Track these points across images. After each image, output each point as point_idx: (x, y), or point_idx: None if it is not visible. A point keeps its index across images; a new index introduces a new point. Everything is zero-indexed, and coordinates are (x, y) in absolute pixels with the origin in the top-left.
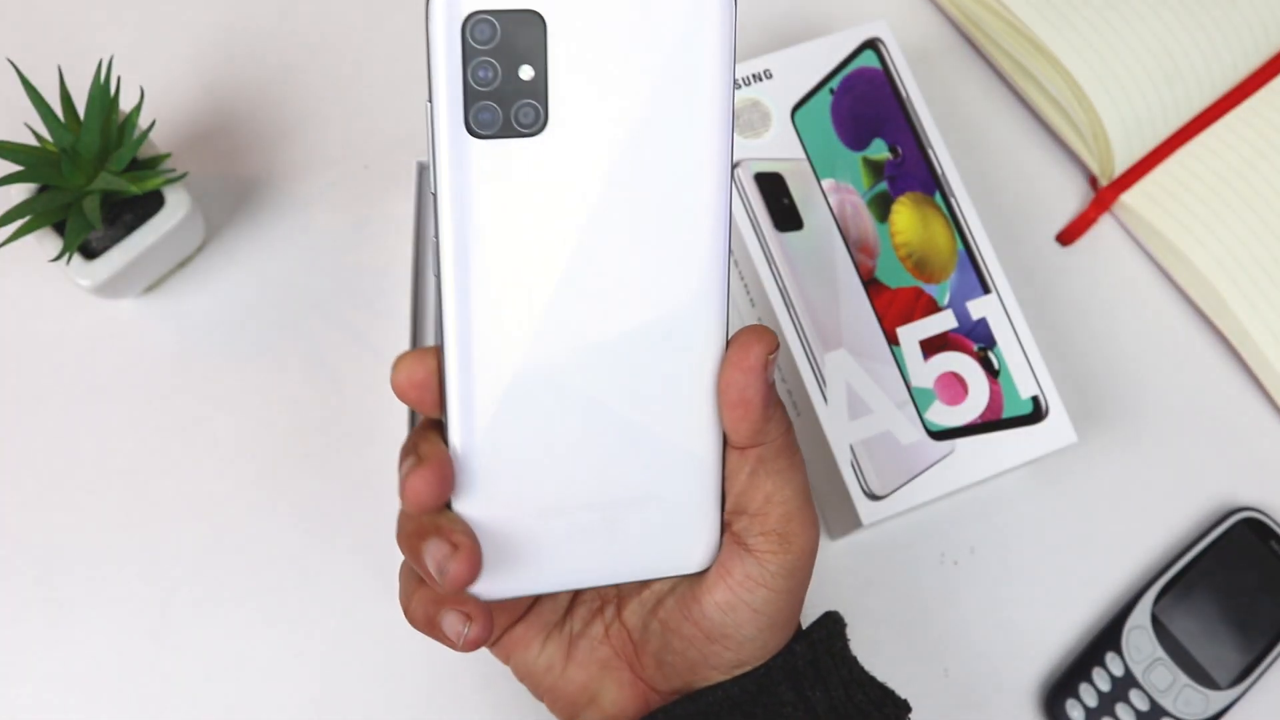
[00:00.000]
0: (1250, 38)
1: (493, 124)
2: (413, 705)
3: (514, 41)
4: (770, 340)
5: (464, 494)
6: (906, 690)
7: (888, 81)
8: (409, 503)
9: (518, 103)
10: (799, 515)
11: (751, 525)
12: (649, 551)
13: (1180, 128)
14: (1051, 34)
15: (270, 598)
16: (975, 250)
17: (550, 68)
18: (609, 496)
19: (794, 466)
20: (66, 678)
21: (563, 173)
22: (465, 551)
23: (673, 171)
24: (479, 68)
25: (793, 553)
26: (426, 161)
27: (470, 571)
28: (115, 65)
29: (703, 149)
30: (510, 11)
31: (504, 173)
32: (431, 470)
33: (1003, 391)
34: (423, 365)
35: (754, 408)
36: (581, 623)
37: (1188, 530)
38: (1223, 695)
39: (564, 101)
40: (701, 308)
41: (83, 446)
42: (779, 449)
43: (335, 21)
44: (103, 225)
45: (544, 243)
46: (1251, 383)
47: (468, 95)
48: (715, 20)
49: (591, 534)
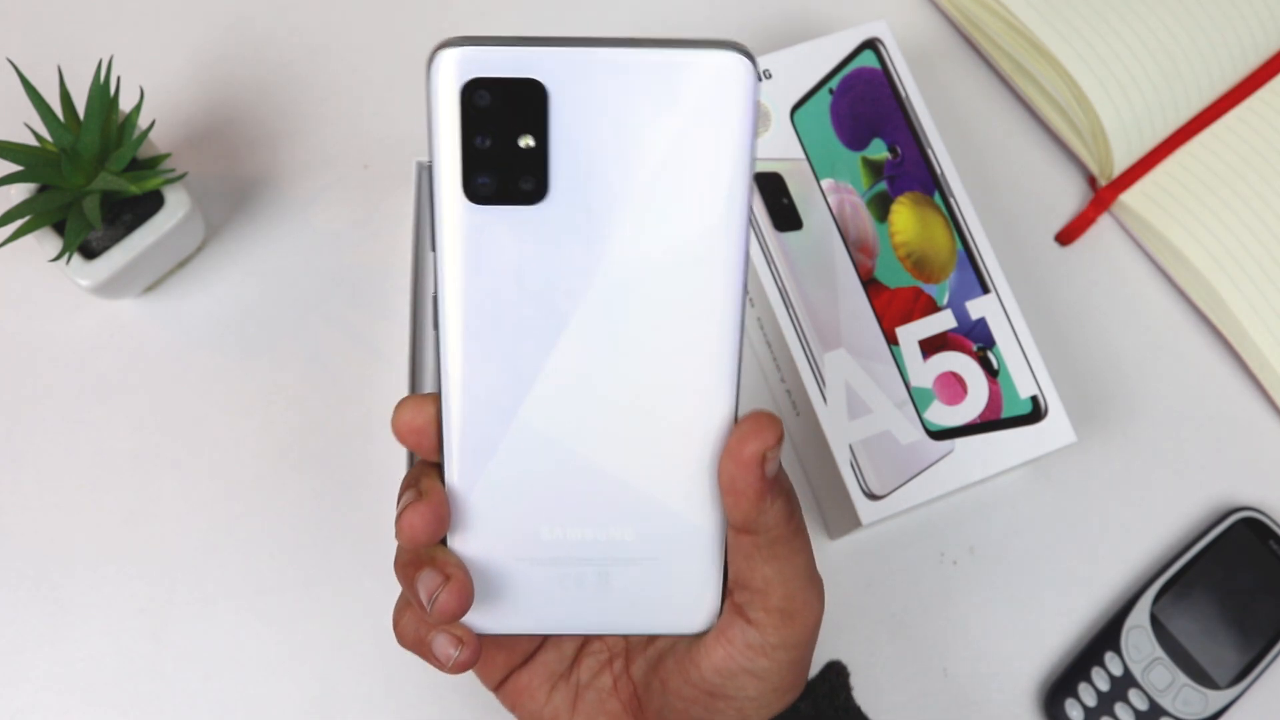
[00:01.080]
0: (1249, 38)
1: (489, 191)
2: (413, 705)
3: (514, 110)
4: (769, 436)
5: (460, 532)
6: (906, 690)
7: (887, 81)
8: (404, 537)
9: (517, 171)
10: (801, 594)
11: (753, 600)
12: (645, 608)
13: (1179, 128)
14: (1050, 34)
15: (270, 598)
16: (974, 250)
17: (551, 138)
18: (607, 554)
19: (795, 551)
20: (66, 678)
21: (563, 242)
22: (456, 584)
23: (683, 251)
24: (478, 135)
25: (795, 628)
26: (425, 161)
27: (460, 603)
28: (115, 65)
29: (716, 231)
30: (511, 80)
31: (502, 238)
32: (428, 508)
33: (1002, 391)
34: (421, 412)
35: (746, 499)
36: (589, 674)
37: (1187, 530)
38: (1222, 695)
39: (564, 170)
40: (706, 387)
41: (83, 446)
42: (776, 538)
43: (335, 22)
44: (103, 225)
45: (545, 309)
46: (1250, 383)
47: (466, 161)
48: (737, 100)
49: (587, 585)
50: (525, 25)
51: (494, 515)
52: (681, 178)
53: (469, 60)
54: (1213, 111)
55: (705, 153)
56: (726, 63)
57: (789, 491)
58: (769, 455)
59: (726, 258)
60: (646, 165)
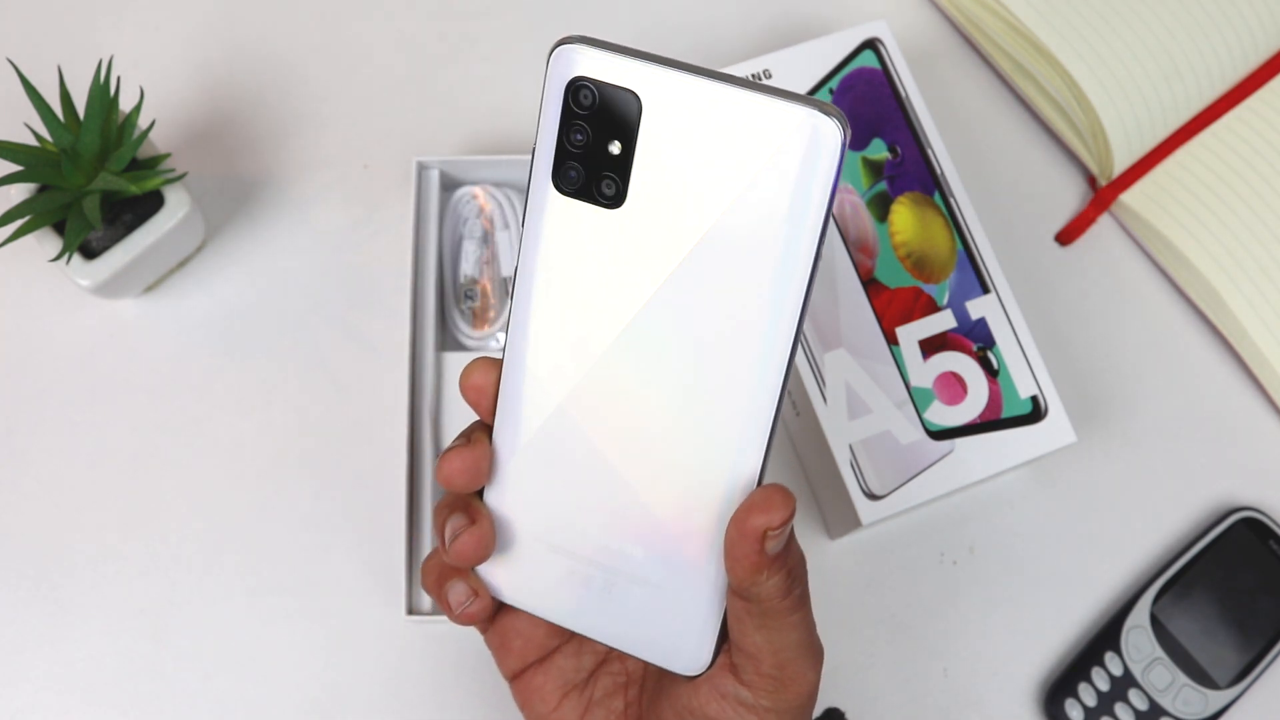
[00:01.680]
0: (1249, 38)
1: (575, 185)
2: (412, 705)
3: (609, 114)
4: (777, 516)
5: (495, 495)
6: (906, 690)
7: (887, 81)
8: (442, 476)
9: (601, 173)
10: (793, 665)
11: (745, 664)
12: (642, 631)
13: (1179, 128)
14: (1051, 34)
15: (270, 598)
16: (974, 250)
17: (639, 148)
18: (615, 563)
19: (789, 626)
20: (66, 678)
21: (631, 250)
22: (478, 530)
23: (739, 299)
24: (574, 130)
25: (788, 695)
26: (425, 161)
27: (476, 548)
28: (115, 65)
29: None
30: (611, 85)
31: (578, 232)
32: (470, 454)
33: (1002, 391)
34: (487, 374)
35: (742, 567)
36: (603, 692)
37: (1187, 530)
38: (1222, 695)
39: (645, 183)
40: (735, 439)
41: (83, 446)
42: (769, 610)
43: (335, 22)
44: (103, 225)
45: (602, 309)
46: (1250, 383)
47: (560, 151)
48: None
49: (592, 587)
50: (526, 22)
51: (525, 490)
52: (751, 224)
53: (581, 58)
54: (1213, 111)
55: (779, 206)
56: (820, 125)
57: (793, 567)
58: (770, 534)
59: (779, 319)
60: (721, 202)
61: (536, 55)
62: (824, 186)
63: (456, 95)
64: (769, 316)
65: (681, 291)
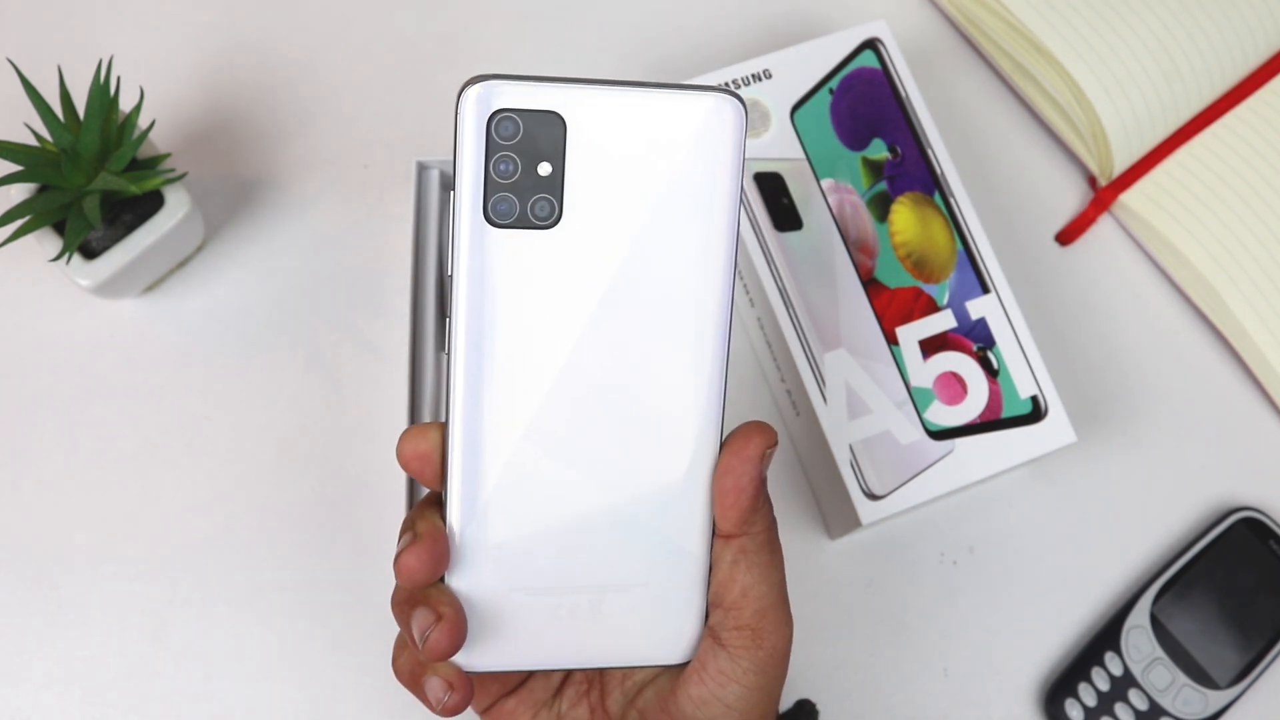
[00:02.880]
0: (1249, 37)
1: (510, 215)
2: (413, 706)
3: (535, 139)
4: (770, 436)
5: (458, 568)
6: (906, 690)
7: (887, 81)
8: (402, 579)
9: (534, 196)
10: (772, 613)
11: (726, 619)
12: (632, 639)
13: (1179, 128)
14: (1051, 34)
15: (270, 598)
16: (974, 250)
17: (568, 166)
18: (599, 581)
19: (774, 564)
20: (66, 678)
21: (573, 266)
22: (448, 624)
23: (678, 277)
24: (500, 161)
25: (764, 649)
26: (425, 162)
27: (451, 643)
28: (115, 65)
29: (709, 258)
30: (534, 111)
31: (518, 262)
32: (425, 549)
33: (1002, 391)
34: (426, 439)
35: (746, 495)
36: (569, 703)
37: (1187, 530)
38: (1222, 695)
39: (579, 199)
40: (699, 408)
41: (83, 446)
42: (762, 543)
43: (335, 22)
44: (103, 225)
45: (551, 333)
46: (1251, 383)
47: (488, 186)
48: (727, 140)
49: (578, 616)
50: (526, 22)
51: (494, 545)
52: (678, 212)
53: (497, 92)
54: (1213, 111)
55: (699, 189)
56: (719, 104)
57: (770, 503)
58: (768, 453)
59: (715, 289)
60: (648, 197)
61: (537, 56)
62: (736, 160)
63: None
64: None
65: (624, 292)
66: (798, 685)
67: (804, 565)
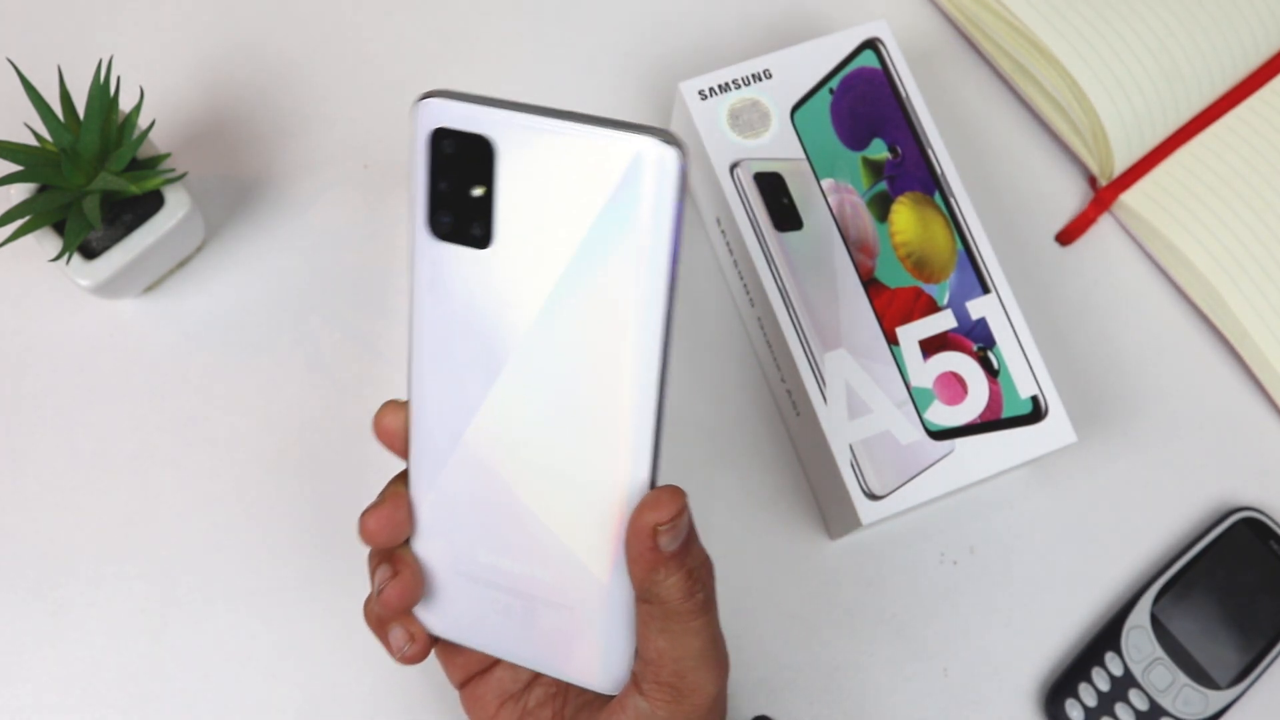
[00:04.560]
0: (1250, 37)
1: (447, 230)
2: (412, 706)
3: (468, 161)
4: (666, 510)
5: (419, 537)
6: (906, 690)
7: (887, 81)
8: (362, 537)
9: (468, 216)
10: (693, 673)
11: (645, 672)
12: (562, 655)
13: (1180, 128)
14: (1051, 34)
15: (270, 598)
16: (975, 250)
17: (498, 192)
18: (529, 589)
19: (690, 631)
20: (66, 678)
21: (503, 289)
22: (400, 580)
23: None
24: (441, 178)
25: (685, 705)
26: None
27: (401, 597)
28: (115, 65)
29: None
30: (466, 134)
31: (457, 272)
32: (382, 512)
33: (1002, 391)
34: (396, 417)
35: (640, 567)
36: (536, 702)
37: (1187, 530)
38: (1222, 695)
39: (509, 222)
40: (623, 452)
41: (83, 446)
42: (670, 613)
43: (335, 22)
44: (102, 225)
45: (487, 346)
46: (1251, 383)
47: (431, 199)
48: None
49: (513, 616)
50: (526, 22)
51: (443, 526)
52: (608, 250)
53: (441, 111)
54: (1213, 111)
55: (630, 229)
56: (656, 150)
57: (693, 570)
58: (661, 530)
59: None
60: (579, 230)
61: (537, 56)
62: (668, 205)
63: None
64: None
65: (554, 320)
66: (798, 685)
67: (804, 565)
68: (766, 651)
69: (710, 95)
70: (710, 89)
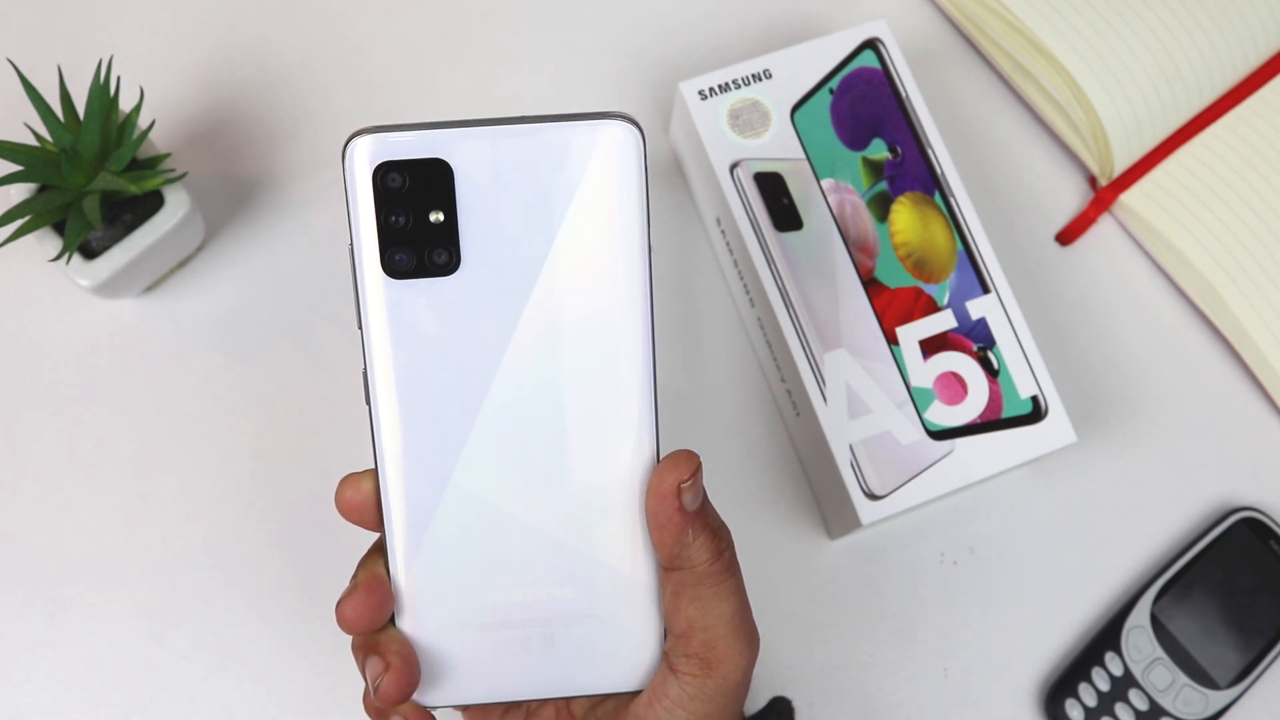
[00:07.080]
0: (1250, 37)
1: (407, 266)
2: None
3: (423, 188)
4: (685, 468)
5: (407, 610)
6: (906, 690)
7: (887, 81)
8: (342, 626)
9: (430, 245)
10: (723, 643)
11: (676, 646)
12: (587, 668)
13: (1180, 127)
14: (1051, 34)
15: (270, 598)
16: (975, 250)
17: (460, 211)
18: (548, 614)
19: (720, 595)
20: (66, 678)
21: (481, 308)
22: (395, 672)
23: (592, 309)
24: (392, 214)
25: (714, 679)
26: None
27: (400, 690)
28: (115, 65)
29: (621, 287)
30: (418, 161)
31: (423, 311)
32: (360, 599)
33: (1002, 391)
34: (358, 490)
35: (668, 532)
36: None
37: (1187, 530)
38: (1222, 695)
39: (476, 242)
40: (626, 437)
41: (82, 447)
42: (702, 576)
43: (335, 22)
44: (102, 225)
45: (470, 374)
46: (1251, 383)
47: (383, 239)
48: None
49: (531, 649)
50: (527, 22)
51: (438, 585)
52: (583, 240)
53: (379, 146)
54: (1213, 111)
55: (602, 215)
56: (614, 132)
57: (717, 530)
58: (684, 487)
59: (631, 312)
60: (550, 230)
61: (537, 56)
62: (634, 183)
63: (456, 95)
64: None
65: (537, 326)
66: (797, 685)
67: (804, 565)
68: (766, 651)
69: (710, 95)
70: (710, 89)
